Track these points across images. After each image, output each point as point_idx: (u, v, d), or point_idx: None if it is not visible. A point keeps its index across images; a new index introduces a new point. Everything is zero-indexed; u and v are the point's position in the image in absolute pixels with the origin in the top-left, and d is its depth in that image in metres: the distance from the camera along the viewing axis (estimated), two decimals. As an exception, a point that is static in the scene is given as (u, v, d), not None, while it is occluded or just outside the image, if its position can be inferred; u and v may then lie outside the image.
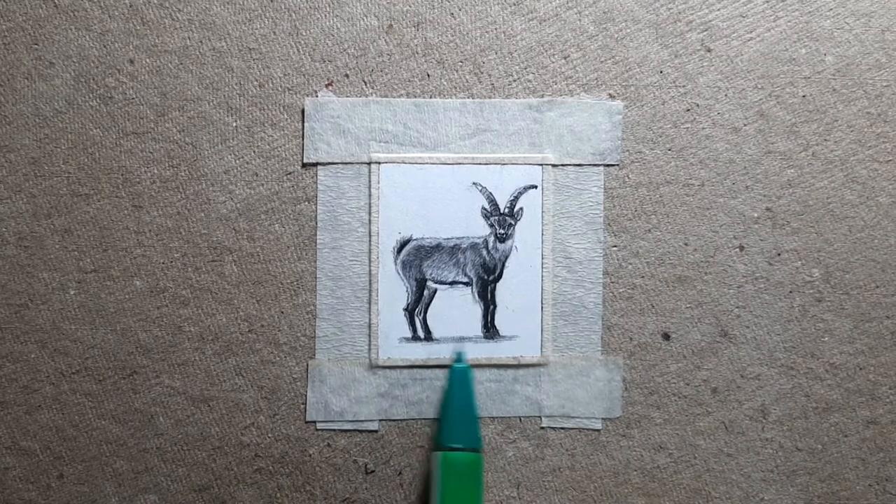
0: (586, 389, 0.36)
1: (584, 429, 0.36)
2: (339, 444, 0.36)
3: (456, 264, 0.36)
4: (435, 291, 0.36)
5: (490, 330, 0.36)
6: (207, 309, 0.35)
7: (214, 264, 0.35)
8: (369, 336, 0.36)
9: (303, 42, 0.36)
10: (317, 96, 0.36)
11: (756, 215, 0.37)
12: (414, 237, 0.36)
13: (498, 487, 0.36)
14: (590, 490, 0.36)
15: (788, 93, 0.37)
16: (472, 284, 0.36)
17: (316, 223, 0.36)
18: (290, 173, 0.36)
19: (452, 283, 0.36)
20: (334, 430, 0.36)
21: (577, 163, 0.36)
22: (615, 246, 0.36)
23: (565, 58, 0.36)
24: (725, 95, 0.36)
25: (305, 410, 0.36)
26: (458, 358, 0.35)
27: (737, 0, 0.36)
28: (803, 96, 0.37)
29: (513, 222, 0.36)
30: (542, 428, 0.36)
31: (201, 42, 0.35)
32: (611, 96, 0.36)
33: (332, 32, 0.36)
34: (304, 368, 0.36)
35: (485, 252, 0.36)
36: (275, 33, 0.35)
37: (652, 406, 0.36)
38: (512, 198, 0.36)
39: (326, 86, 0.36)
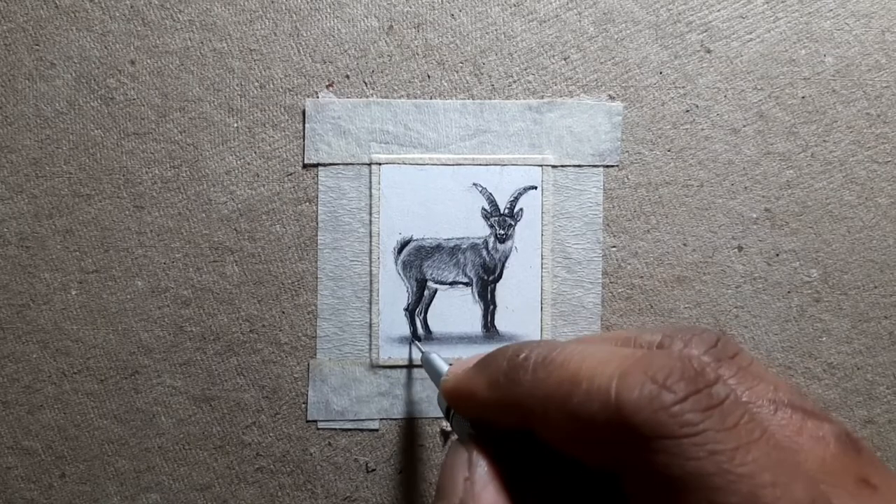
0: (586, 389, 0.36)
1: (583, 428, 0.36)
2: (339, 443, 0.36)
3: (456, 265, 0.36)
4: (435, 291, 0.36)
5: (490, 330, 0.36)
6: (209, 309, 0.36)
7: (216, 265, 0.36)
8: (370, 336, 0.36)
9: (303, 43, 0.36)
10: (317, 97, 0.36)
11: (755, 216, 0.37)
12: (414, 237, 0.36)
13: (498, 486, 0.36)
14: (589, 489, 0.36)
15: (788, 94, 0.37)
16: (472, 284, 0.36)
17: (317, 224, 0.36)
18: (290, 174, 0.36)
19: (452, 284, 0.36)
20: (335, 429, 0.36)
21: (577, 164, 0.36)
22: (614, 246, 0.37)
23: (565, 59, 0.36)
24: (725, 96, 0.37)
25: (306, 410, 0.36)
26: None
27: (737, 1, 0.36)
28: (803, 97, 0.37)
29: (513, 223, 0.36)
30: (542, 427, 0.36)
31: (202, 43, 0.35)
32: (610, 97, 0.36)
33: (333, 33, 0.36)
34: (305, 368, 0.36)
35: (485, 252, 0.36)
36: (275, 34, 0.35)
37: (651, 405, 0.37)
38: (512, 198, 0.36)
39: (327, 87, 0.36)
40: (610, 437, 0.17)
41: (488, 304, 0.36)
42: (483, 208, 0.36)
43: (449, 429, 0.36)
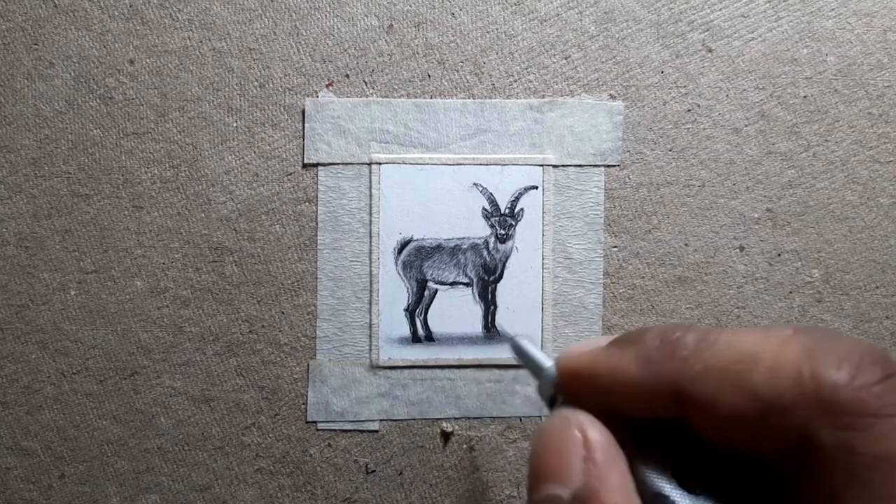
0: (586, 390, 0.36)
1: (584, 429, 0.36)
2: (339, 444, 0.36)
3: (456, 265, 0.36)
4: (435, 292, 0.36)
5: (490, 330, 0.36)
6: (208, 309, 0.35)
7: (215, 265, 0.35)
8: (370, 336, 0.36)
9: (303, 42, 0.35)
10: (317, 97, 0.36)
11: (756, 216, 0.37)
12: (414, 238, 0.36)
13: (498, 487, 0.36)
14: (590, 490, 0.36)
15: (790, 93, 0.36)
16: (472, 285, 0.36)
17: (316, 224, 0.36)
18: (290, 174, 0.36)
19: (453, 284, 0.36)
20: (335, 430, 0.36)
21: (578, 163, 0.36)
22: (615, 246, 0.36)
23: (566, 58, 0.36)
24: (726, 96, 0.36)
25: (306, 411, 0.36)
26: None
27: (738, 0, 0.36)
28: (804, 97, 0.37)
29: (513, 223, 0.36)
30: (543, 428, 0.36)
31: (201, 42, 0.35)
32: (612, 97, 0.36)
33: (333, 33, 0.35)
34: (304, 369, 0.36)
35: (485, 252, 0.36)
36: (275, 33, 0.35)
37: (652, 406, 0.37)
38: (512, 198, 0.36)
39: (327, 86, 0.36)
40: (797, 416, 0.16)
41: (489, 305, 0.36)
42: (483, 208, 0.36)
43: (450, 430, 0.36)
